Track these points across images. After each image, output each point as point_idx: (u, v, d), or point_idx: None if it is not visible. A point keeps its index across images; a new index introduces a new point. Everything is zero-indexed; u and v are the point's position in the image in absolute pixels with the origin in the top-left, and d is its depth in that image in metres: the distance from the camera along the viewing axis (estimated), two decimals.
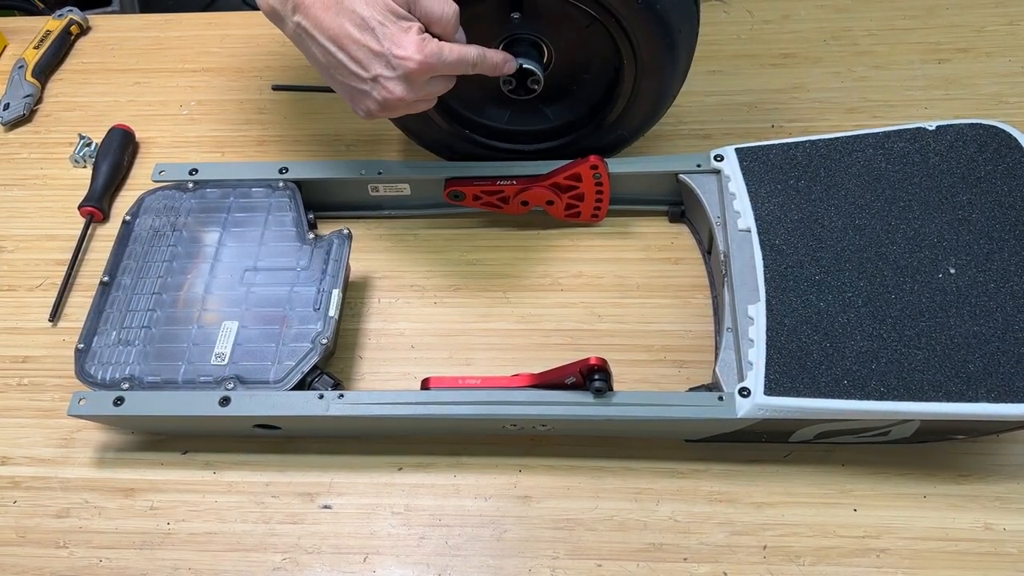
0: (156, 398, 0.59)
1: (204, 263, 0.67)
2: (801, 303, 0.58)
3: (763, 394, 0.55)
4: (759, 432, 0.59)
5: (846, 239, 0.61)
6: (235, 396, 0.59)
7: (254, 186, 0.71)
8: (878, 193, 0.63)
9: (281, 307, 0.64)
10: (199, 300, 0.65)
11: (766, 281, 0.60)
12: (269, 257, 0.67)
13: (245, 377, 0.60)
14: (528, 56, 0.65)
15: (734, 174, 0.66)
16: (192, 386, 0.60)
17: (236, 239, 0.68)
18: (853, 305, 0.58)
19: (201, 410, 0.59)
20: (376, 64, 0.55)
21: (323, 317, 0.63)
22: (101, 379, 0.61)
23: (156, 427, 0.64)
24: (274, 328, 0.63)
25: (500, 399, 0.58)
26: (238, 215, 0.70)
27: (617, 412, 0.57)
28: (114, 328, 0.63)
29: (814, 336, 0.57)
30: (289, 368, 0.60)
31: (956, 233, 0.60)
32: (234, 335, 0.62)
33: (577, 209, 0.72)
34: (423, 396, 0.58)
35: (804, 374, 0.55)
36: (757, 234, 0.62)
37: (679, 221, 0.74)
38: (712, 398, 0.57)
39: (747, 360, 0.57)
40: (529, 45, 0.66)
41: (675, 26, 0.61)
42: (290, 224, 0.69)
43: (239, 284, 0.65)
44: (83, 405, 0.59)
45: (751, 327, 0.58)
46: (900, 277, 0.59)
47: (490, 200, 0.71)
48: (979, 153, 0.64)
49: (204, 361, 0.61)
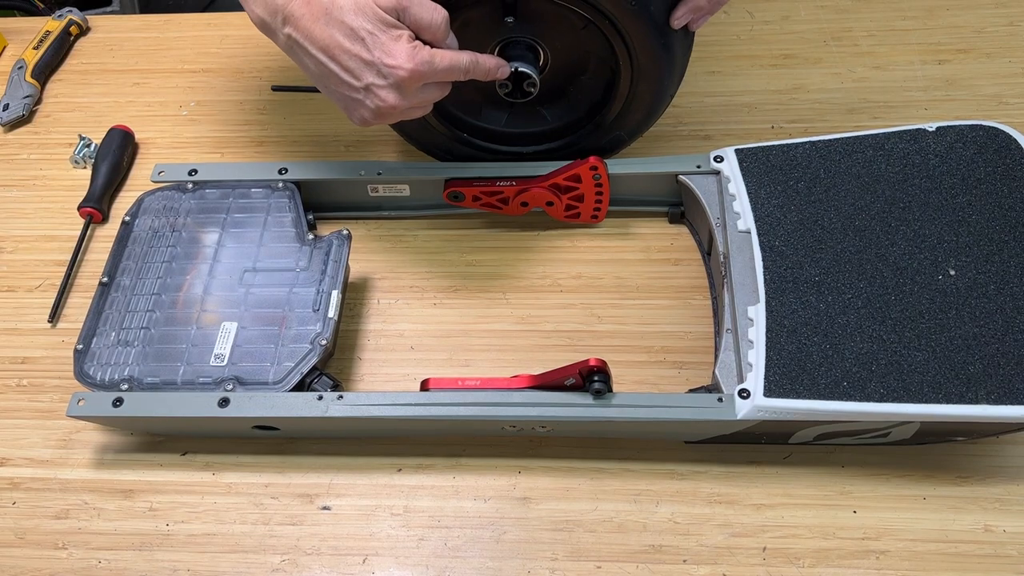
0: (155, 399, 0.59)
1: (203, 264, 0.67)
2: (801, 304, 0.58)
3: (762, 396, 0.55)
4: (758, 434, 0.59)
5: (846, 240, 0.61)
6: (234, 397, 0.59)
7: (253, 187, 0.71)
8: (878, 194, 0.63)
9: (280, 308, 0.64)
10: (198, 301, 0.64)
11: (766, 282, 0.60)
12: (268, 258, 0.67)
13: (244, 378, 0.60)
14: (523, 59, 0.65)
15: (734, 175, 0.66)
16: (191, 387, 0.60)
17: (235, 240, 0.68)
18: (853, 307, 0.58)
19: (200, 411, 0.59)
20: (367, 73, 0.55)
21: (322, 318, 0.63)
22: (100, 380, 0.61)
23: (155, 428, 0.64)
24: (273, 329, 0.63)
25: (499, 400, 0.58)
26: (237, 216, 0.69)
27: (616, 413, 0.57)
28: (113, 329, 0.63)
29: (814, 338, 0.57)
30: (288, 369, 0.60)
31: (956, 235, 0.60)
32: (233, 336, 0.62)
33: (577, 210, 0.72)
34: (422, 397, 0.58)
35: (803, 376, 0.55)
36: (757, 235, 0.62)
37: (679, 222, 0.74)
38: (712, 399, 0.57)
39: (747, 361, 0.57)
40: (524, 48, 0.66)
41: (669, 26, 0.61)
42: (289, 225, 0.69)
43: (238, 285, 0.65)
44: (82, 406, 0.59)
45: (751, 328, 0.58)
46: (900, 279, 0.59)
47: (489, 201, 0.71)
48: (979, 155, 0.64)
49: (203, 362, 0.61)
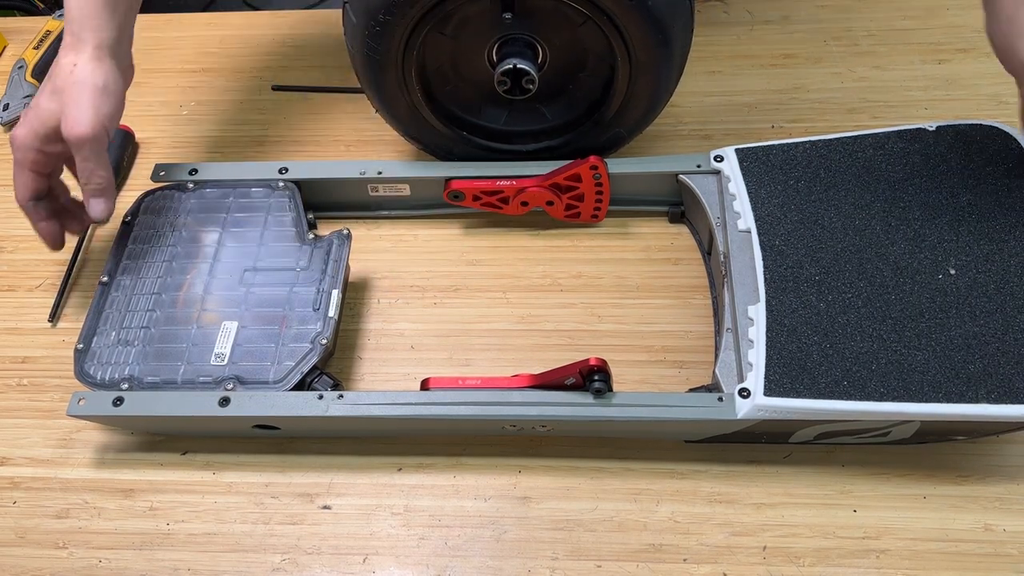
0: (156, 398, 0.59)
1: (204, 263, 0.67)
2: (801, 304, 0.58)
3: (763, 395, 0.55)
4: (759, 433, 0.59)
5: (846, 240, 0.61)
6: (235, 396, 0.59)
7: (254, 186, 0.71)
8: (878, 194, 0.63)
9: (281, 307, 0.64)
10: (198, 300, 0.64)
11: (766, 282, 0.60)
12: (269, 257, 0.67)
13: (245, 377, 0.60)
14: (522, 56, 0.65)
15: (734, 175, 0.66)
16: (192, 386, 0.60)
17: (236, 239, 0.68)
18: (853, 306, 0.58)
19: (201, 410, 0.59)
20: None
21: (323, 317, 0.63)
22: (100, 379, 0.61)
23: (156, 427, 0.64)
24: (273, 328, 0.63)
25: (499, 400, 0.58)
26: (238, 215, 0.69)
27: (616, 413, 0.57)
28: (113, 328, 0.63)
29: (814, 337, 0.57)
30: (289, 368, 0.60)
31: (956, 234, 0.60)
32: (234, 335, 0.62)
33: (577, 210, 0.72)
34: (423, 396, 0.58)
35: (804, 375, 0.55)
36: (757, 235, 0.62)
37: (679, 222, 0.74)
38: (712, 399, 0.57)
39: (747, 361, 0.57)
40: (523, 45, 0.66)
41: (668, 22, 0.61)
42: (290, 224, 0.69)
43: (239, 284, 0.65)
44: (82, 405, 0.59)
45: (751, 328, 0.58)
46: (900, 278, 0.59)
47: (490, 200, 0.71)
48: (979, 154, 0.64)
49: (204, 361, 0.61)
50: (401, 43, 0.63)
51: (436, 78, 0.69)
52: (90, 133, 0.60)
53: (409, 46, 0.64)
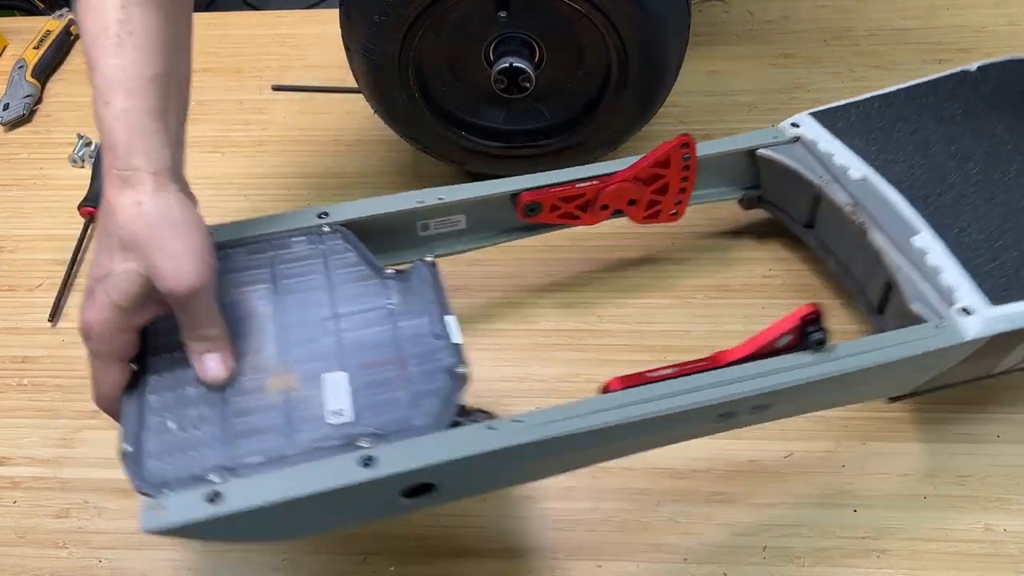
0: (269, 481, 0.44)
1: (261, 323, 0.55)
2: (965, 220, 0.57)
3: (991, 305, 0.52)
4: (970, 367, 0.55)
5: (966, 167, 0.61)
6: (379, 453, 0.45)
7: (293, 236, 0.60)
8: (964, 130, 0.65)
9: (391, 348, 0.54)
10: (272, 361, 0.52)
11: (918, 211, 0.58)
12: (348, 302, 0.56)
13: (382, 431, 0.47)
14: (519, 55, 0.65)
15: (821, 136, 0.66)
16: (309, 456, 0.46)
17: (294, 292, 0.57)
18: (1016, 206, 0.57)
19: (339, 479, 0.44)
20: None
21: (447, 346, 0.53)
22: (175, 479, 0.44)
23: (268, 528, 0.48)
24: (393, 371, 0.52)
25: (717, 380, 0.49)
26: (285, 267, 0.59)
27: (846, 365, 0.49)
28: (168, 418, 0.48)
29: (999, 243, 0.55)
30: (435, 407, 0.49)
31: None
32: (345, 387, 0.51)
33: (658, 207, 0.66)
34: (620, 399, 0.48)
35: (1016, 280, 0.53)
36: (880, 177, 0.61)
37: (755, 206, 0.71)
38: (928, 329, 0.51)
39: (938, 286, 0.54)
40: (519, 44, 0.66)
41: (663, 18, 0.61)
42: (357, 264, 0.59)
43: (323, 335, 0.54)
44: (163, 516, 0.42)
45: (927, 256, 0.56)
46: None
47: (568, 209, 0.63)
48: (1016, 82, 0.68)
49: (315, 424, 0.48)
50: (397, 43, 0.63)
51: (434, 78, 0.69)
52: (199, 283, 0.46)
53: (405, 46, 0.64)
